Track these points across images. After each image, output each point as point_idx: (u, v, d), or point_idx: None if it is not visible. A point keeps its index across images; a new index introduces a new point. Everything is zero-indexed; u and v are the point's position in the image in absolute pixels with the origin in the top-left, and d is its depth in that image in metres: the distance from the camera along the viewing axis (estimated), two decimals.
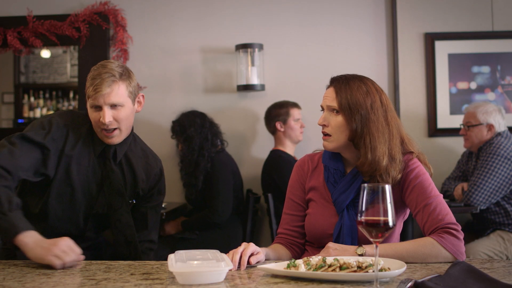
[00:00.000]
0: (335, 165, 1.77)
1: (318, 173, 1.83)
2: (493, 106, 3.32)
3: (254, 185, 3.74)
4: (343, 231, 1.69)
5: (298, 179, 1.87)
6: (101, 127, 1.87)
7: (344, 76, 1.74)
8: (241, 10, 3.90)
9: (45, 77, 4.24)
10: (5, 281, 1.37)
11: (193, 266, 1.33)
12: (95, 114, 1.87)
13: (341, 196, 1.72)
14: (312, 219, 1.79)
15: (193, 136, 3.37)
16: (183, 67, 3.90)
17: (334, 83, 1.73)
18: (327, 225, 1.74)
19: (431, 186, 1.69)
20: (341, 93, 1.69)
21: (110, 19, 3.86)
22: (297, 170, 1.89)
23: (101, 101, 1.84)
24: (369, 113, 1.66)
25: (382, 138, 1.66)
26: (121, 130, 1.91)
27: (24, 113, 4.28)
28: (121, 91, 1.87)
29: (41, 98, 4.25)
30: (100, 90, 1.83)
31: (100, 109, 1.86)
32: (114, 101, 1.85)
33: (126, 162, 2.01)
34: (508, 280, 1.30)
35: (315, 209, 1.79)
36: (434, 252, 1.54)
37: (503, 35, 3.82)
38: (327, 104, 1.72)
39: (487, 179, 3.07)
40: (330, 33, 3.87)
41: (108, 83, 1.84)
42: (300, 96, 3.67)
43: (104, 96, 1.84)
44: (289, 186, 1.90)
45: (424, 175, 1.71)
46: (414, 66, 3.87)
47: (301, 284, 1.31)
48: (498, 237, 3.12)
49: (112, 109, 1.86)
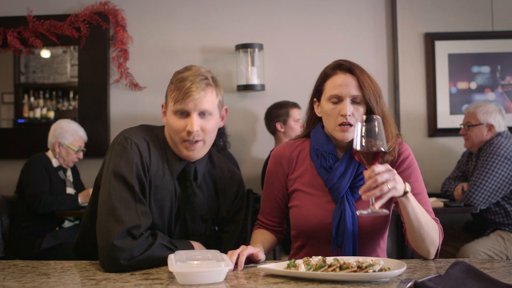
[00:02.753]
0: (329, 149, 1.70)
1: (302, 160, 1.77)
2: (494, 106, 3.32)
3: (254, 185, 3.74)
4: (345, 219, 1.63)
5: (277, 171, 1.78)
6: (184, 137, 1.62)
7: (353, 62, 1.72)
8: (241, 10, 3.90)
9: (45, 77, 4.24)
10: (5, 281, 1.37)
11: (193, 266, 1.32)
12: (179, 122, 1.62)
13: (339, 181, 1.66)
14: (303, 211, 1.70)
15: None
16: (183, 67, 3.89)
17: (352, 71, 1.68)
18: (322, 214, 1.66)
19: (421, 178, 1.72)
20: (364, 81, 1.66)
21: (110, 19, 3.86)
22: (276, 160, 1.80)
23: (191, 107, 1.60)
24: (382, 98, 1.68)
25: (391, 121, 1.69)
26: (205, 143, 1.66)
27: (24, 113, 4.28)
28: (213, 97, 1.65)
29: (41, 98, 4.24)
30: (191, 95, 1.59)
31: (187, 116, 1.62)
32: (206, 108, 1.62)
33: (206, 182, 1.76)
34: (508, 280, 1.30)
35: (304, 199, 1.71)
36: (434, 236, 1.56)
37: (503, 35, 3.83)
38: (351, 93, 1.64)
39: (487, 179, 3.07)
40: (330, 33, 3.87)
41: (201, 87, 1.61)
42: (300, 96, 3.65)
43: (196, 101, 1.60)
44: (267, 175, 1.81)
45: (415, 164, 1.72)
46: (414, 66, 3.87)
47: (301, 284, 1.31)
48: (498, 237, 3.12)
49: (201, 117, 1.63)
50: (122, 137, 1.62)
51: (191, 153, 1.64)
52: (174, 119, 1.63)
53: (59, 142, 3.39)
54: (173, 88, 1.63)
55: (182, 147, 1.64)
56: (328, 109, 1.69)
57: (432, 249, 1.58)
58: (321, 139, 1.73)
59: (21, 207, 3.29)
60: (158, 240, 1.52)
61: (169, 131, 1.66)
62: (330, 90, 1.69)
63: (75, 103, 4.19)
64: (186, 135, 1.62)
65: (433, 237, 1.57)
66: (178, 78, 1.64)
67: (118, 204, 1.51)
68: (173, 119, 1.63)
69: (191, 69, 1.66)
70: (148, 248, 1.48)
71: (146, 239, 1.50)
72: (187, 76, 1.63)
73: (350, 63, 1.72)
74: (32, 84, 4.25)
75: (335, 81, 1.70)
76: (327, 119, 1.71)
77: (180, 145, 1.64)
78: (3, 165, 3.91)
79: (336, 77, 1.70)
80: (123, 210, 1.50)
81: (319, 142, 1.73)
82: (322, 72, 1.78)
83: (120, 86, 3.87)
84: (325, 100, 1.71)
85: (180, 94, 1.60)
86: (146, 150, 1.62)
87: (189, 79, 1.61)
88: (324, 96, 1.73)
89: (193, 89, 1.60)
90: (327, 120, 1.70)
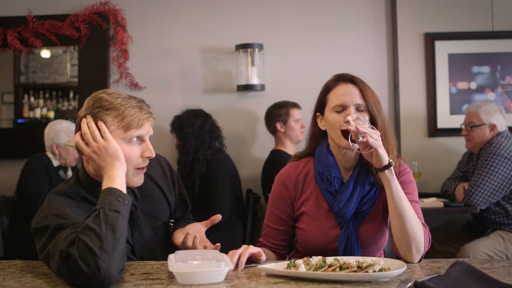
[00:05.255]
0: (334, 172, 1.71)
1: (308, 183, 1.77)
2: (495, 106, 3.32)
3: (254, 185, 3.74)
4: (352, 243, 1.66)
5: (283, 194, 1.79)
6: (139, 165, 1.58)
7: (353, 75, 1.75)
8: (241, 10, 3.90)
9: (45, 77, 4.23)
10: (5, 281, 1.37)
11: (193, 266, 1.33)
12: (134, 149, 1.56)
13: (346, 207, 1.67)
14: (309, 234, 1.73)
15: (189, 137, 3.36)
16: (183, 67, 3.90)
17: (354, 81, 1.71)
18: (327, 239, 1.70)
19: (416, 192, 1.74)
20: (366, 91, 1.69)
21: (110, 19, 3.86)
22: (282, 184, 1.79)
23: (145, 132, 1.57)
24: (382, 110, 1.72)
25: (391, 133, 1.72)
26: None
27: (24, 113, 4.28)
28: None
29: (41, 98, 4.24)
30: (148, 120, 1.57)
31: (141, 142, 1.59)
32: (151, 132, 1.62)
33: (147, 188, 1.73)
34: (508, 280, 1.30)
35: (310, 224, 1.73)
36: (418, 232, 1.57)
37: (503, 35, 3.83)
38: (355, 102, 1.67)
39: (487, 179, 3.07)
40: (330, 33, 3.87)
41: (148, 110, 1.60)
42: (300, 96, 3.67)
43: (150, 126, 1.59)
44: (271, 199, 1.82)
45: (413, 182, 1.76)
46: (414, 66, 3.87)
47: (301, 284, 1.31)
48: (498, 237, 3.12)
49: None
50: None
51: (141, 179, 1.61)
52: (126, 147, 1.54)
53: (55, 143, 3.39)
54: (118, 114, 1.52)
55: (135, 174, 1.58)
56: (333, 118, 1.69)
57: (414, 247, 1.56)
58: (326, 161, 1.73)
59: (21, 207, 3.29)
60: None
61: (128, 158, 1.54)
62: (334, 100, 1.71)
63: (75, 103, 4.19)
64: (142, 162, 1.57)
65: (417, 234, 1.56)
66: (118, 103, 1.53)
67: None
68: (125, 148, 1.53)
69: (120, 93, 1.58)
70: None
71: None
72: (128, 101, 1.54)
73: (351, 75, 1.75)
74: (32, 84, 4.25)
75: (338, 92, 1.71)
76: (332, 130, 1.71)
77: (133, 173, 1.57)
78: (3, 165, 3.91)
79: (339, 88, 1.72)
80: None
81: (324, 164, 1.73)
82: (323, 86, 1.79)
83: (120, 86, 3.87)
84: (329, 111, 1.72)
85: (135, 121, 1.53)
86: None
87: (133, 104, 1.54)
88: (328, 107, 1.73)
89: (146, 114, 1.55)
90: (332, 130, 1.71)
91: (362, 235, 1.69)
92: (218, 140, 3.47)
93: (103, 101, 1.55)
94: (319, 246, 1.70)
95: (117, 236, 1.34)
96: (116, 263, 1.31)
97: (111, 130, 1.52)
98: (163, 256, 1.67)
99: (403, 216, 1.56)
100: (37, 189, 3.24)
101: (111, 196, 1.41)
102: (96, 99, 1.57)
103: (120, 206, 1.40)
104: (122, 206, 1.40)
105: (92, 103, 1.56)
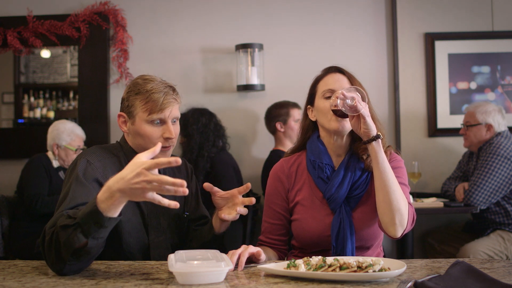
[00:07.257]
0: (325, 159, 1.75)
1: (301, 174, 1.81)
2: (493, 106, 3.32)
3: (254, 185, 3.74)
4: (344, 228, 1.68)
5: (277, 187, 1.83)
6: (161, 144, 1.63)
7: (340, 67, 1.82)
8: (241, 10, 3.90)
9: (45, 77, 4.23)
10: (5, 281, 1.37)
11: (193, 266, 1.33)
12: (155, 130, 1.72)
13: (337, 191, 1.70)
14: (303, 224, 1.75)
15: (193, 134, 3.39)
16: (183, 67, 3.90)
17: (342, 71, 1.78)
18: (322, 228, 1.72)
19: (406, 177, 1.78)
20: (354, 81, 1.76)
21: (110, 19, 3.86)
22: (276, 177, 1.84)
23: (166, 115, 1.72)
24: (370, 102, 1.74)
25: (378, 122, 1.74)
26: (173, 147, 1.79)
27: (24, 113, 4.28)
28: (179, 105, 1.80)
29: (41, 98, 4.24)
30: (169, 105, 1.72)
31: (162, 123, 1.74)
32: (177, 115, 1.77)
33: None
34: (508, 280, 1.30)
35: (304, 213, 1.76)
36: (402, 204, 1.59)
37: (503, 35, 3.83)
38: (344, 87, 1.70)
39: (487, 179, 3.07)
40: (330, 33, 3.87)
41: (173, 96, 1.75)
42: (300, 96, 3.63)
43: (171, 110, 1.73)
44: (267, 194, 1.86)
45: (404, 169, 1.79)
46: (414, 66, 3.87)
47: (301, 284, 1.31)
48: (498, 237, 3.12)
49: (172, 124, 1.76)
50: (75, 160, 1.72)
51: (165, 155, 1.73)
52: (149, 128, 1.72)
53: (56, 144, 3.39)
54: (144, 99, 1.71)
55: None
56: (323, 104, 1.74)
57: (397, 218, 1.58)
58: (317, 149, 1.78)
59: (21, 207, 3.29)
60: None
61: (141, 140, 1.75)
62: (323, 87, 1.77)
63: (75, 103, 4.18)
64: (164, 141, 1.73)
65: (401, 205, 1.59)
66: (146, 89, 1.71)
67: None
68: (148, 128, 1.72)
69: (153, 79, 1.75)
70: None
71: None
72: (156, 87, 1.71)
73: (339, 66, 1.82)
74: (32, 84, 4.25)
75: (327, 81, 1.78)
76: (322, 115, 1.75)
77: None
78: (3, 165, 3.91)
79: (328, 77, 1.79)
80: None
81: (315, 153, 1.78)
82: (313, 79, 1.86)
83: (120, 86, 3.87)
84: (319, 98, 1.77)
85: (157, 105, 1.70)
86: (101, 167, 1.70)
87: (159, 90, 1.71)
88: (317, 96, 1.79)
89: (169, 99, 1.72)
90: (322, 116, 1.75)
91: (355, 220, 1.71)
92: (222, 139, 3.49)
93: (136, 85, 1.74)
94: (314, 235, 1.72)
95: (80, 256, 1.39)
96: (69, 271, 1.42)
97: (137, 112, 1.72)
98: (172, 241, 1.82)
99: (387, 185, 1.59)
100: (37, 190, 3.24)
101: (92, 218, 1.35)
102: (133, 83, 1.77)
103: (93, 231, 1.35)
104: (95, 231, 1.35)
105: (129, 86, 1.77)
